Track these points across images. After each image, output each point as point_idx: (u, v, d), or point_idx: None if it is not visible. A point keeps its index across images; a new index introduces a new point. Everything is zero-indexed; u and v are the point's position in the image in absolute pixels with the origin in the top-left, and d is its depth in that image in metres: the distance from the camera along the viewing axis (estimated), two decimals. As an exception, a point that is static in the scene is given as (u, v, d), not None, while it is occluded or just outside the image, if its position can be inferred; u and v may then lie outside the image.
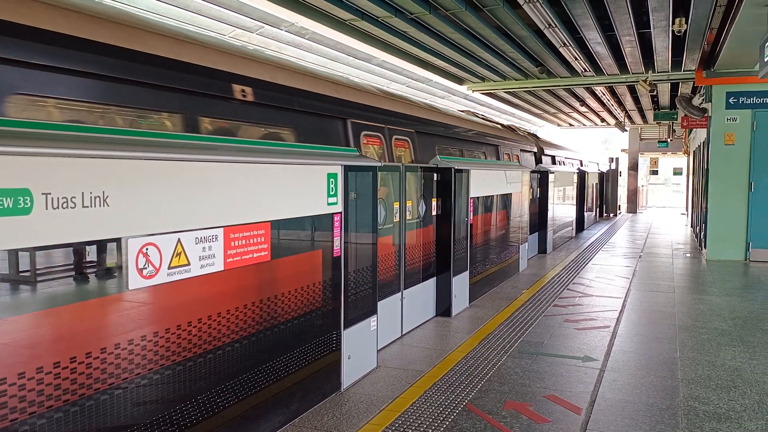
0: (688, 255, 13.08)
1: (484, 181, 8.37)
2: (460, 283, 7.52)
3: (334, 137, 5.52)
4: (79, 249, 2.68)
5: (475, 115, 13.14)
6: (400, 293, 6.30)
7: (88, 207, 2.60)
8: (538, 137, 16.64)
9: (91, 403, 2.71)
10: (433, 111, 8.84)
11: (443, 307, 7.23)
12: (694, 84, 15.06)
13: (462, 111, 13.68)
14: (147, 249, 2.92)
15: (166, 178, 2.99)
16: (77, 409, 2.65)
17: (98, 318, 2.78)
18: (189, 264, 3.18)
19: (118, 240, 2.79)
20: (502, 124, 14.03)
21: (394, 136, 6.79)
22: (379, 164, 5.22)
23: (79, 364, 2.65)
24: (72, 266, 2.70)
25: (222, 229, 3.40)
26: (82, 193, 2.57)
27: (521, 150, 13.55)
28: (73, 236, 2.57)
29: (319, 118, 5.32)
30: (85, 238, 2.63)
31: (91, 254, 2.77)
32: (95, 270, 2.80)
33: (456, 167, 7.22)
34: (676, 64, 14.27)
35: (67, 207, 2.50)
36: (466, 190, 7.64)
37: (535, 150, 14.83)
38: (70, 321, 2.66)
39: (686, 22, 10.11)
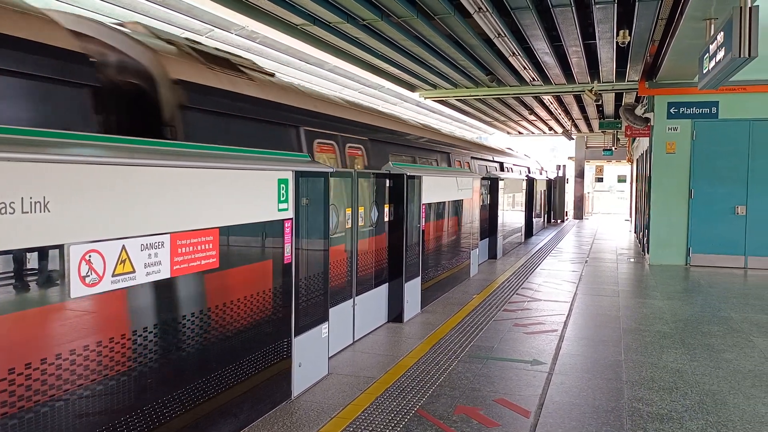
0: (632, 260, 13.47)
1: (436, 188, 8.43)
2: (412, 289, 7.54)
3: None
4: (18, 256, 2.58)
5: (510, 149, 21.86)
6: (352, 300, 6.27)
7: (27, 213, 2.50)
8: (534, 158, 25.96)
9: (31, 415, 2.61)
10: (501, 151, 18.40)
11: (395, 313, 7.24)
12: (637, 94, 15.55)
13: (507, 147, 21.94)
14: (90, 256, 2.83)
15: (110, 182, 2.91)
16: (16, 422, 2.54)
17: (38, 327, 2.67)
18: (134, 271, 3.09)
19: (59, 247, 2.69)
20: (525, 154, 23.87)
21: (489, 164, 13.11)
22: (331, 170, 5.20)
23: (18, 375, 2.55)
24: (11, 274, 2.59)
25: (168, 235, 3.32)
26: (22, 198, 2.47)
27: (535, 168, 22.88)
28: (13, 243, 2.47)
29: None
30: (25, 245, 2.53)
31: (32, 261, 2.66)
32: (36, 278, 2.69)
33: (408, 173, 7.26)
34: (621, 74, 14.72)
35: (5, 213, 2.41)
36: (418, 197, 7.68)
37: (539, 167, 24.82)
38: (9, 330, 2.55)
39: (630, 34, 10.45)
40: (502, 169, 17.37)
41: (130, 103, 4.29)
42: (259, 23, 10.14)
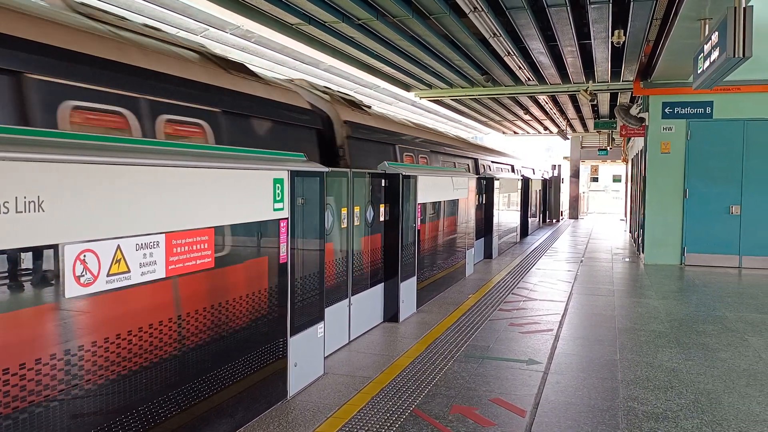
0: (627, 260, 13.50)
1: (431, 188, 8.44)
2: (408, 289, 7.54)
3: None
4: (12, 256, 2.56)
5: (515, 153, 23.68)
6: (347, 299, 6.27)
7: (22, 212, 2.49)
8: (537, 160, 29.36)
9: (26, 416, 2.60)
10: (511, 155, 20.38)
11: (391, 313, 7.24)
12: (632, 94, 15.59)
13: (512, 151, 24.02)
14: (84, 256, 2.81)
15: (105, 182, 2.90)
16: (10, 423, 2.53)
17: (32, 327, 2.66)
18: (129, 271, 3.08)
19: (54, 246, 2.68)
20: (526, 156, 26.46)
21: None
22: (326, 170, 5.19)
23: (12, 375, 2.54)
24: (5, 273, 2.58)
25: (164, 235, 3.31)
26: (16, 197, 2.46)
27: (539, 169, 26.86)
28: (7, 242, 2.46)
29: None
30: (19, 245, 2.52)
31: (26, 261, 2.65)
32: (30, 278, 2.68)
33: (404, 173, 7.25)
34: (615, 74, 14.76)
35: (-1, 212, 2.40)
36: (413, 196, 7.68)
37: (543, 169, 28.30)
38: (3, 331, 2.54)
39: (624, 34, 10.47)
40: (513, 171, 17.91)
41: (329, 137, 7.02)
42: (254, 22, 10.12)
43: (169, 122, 4.13)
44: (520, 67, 13.65)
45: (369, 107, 8.99)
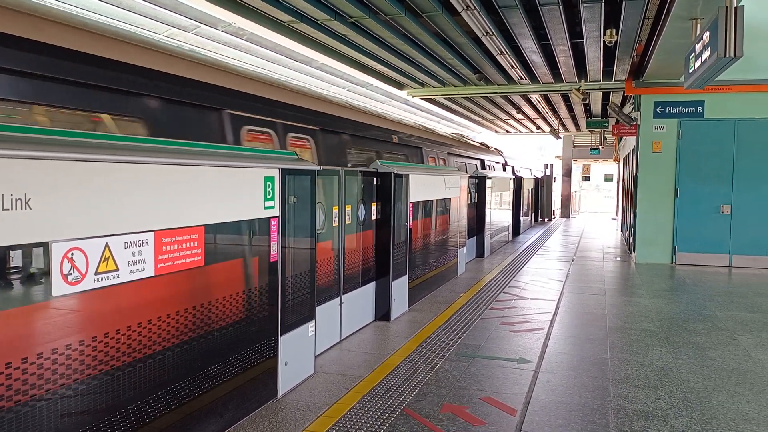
0: (618, 258, 13.54)
1: (423, 186, 8.43)
2: (399, 288, 7.53)
3: None
4: None
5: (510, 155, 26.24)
6: (338, 298, 6.26)
7: (8, 210, 2.46)
8: (538, 161, 31.42)
9: (12, 416, 2.57)
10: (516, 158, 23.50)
11: (382, 312, 7.23)
12: (624, 93, 15.62)
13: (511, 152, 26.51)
14: (72, 254, 2.79)
15: (94, 179, 2.87)
16: (-5, 424, 2.51)
17: (19, 326, 2.63)
18: (117, 269, 3.06)
19: (41, 245, 2.65)
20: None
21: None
22: (318, 168, 5.17)
23: (-3, 375, 2.51)
24: None
25: (153, 233, 3.28)
26: (2, 195, 2.43)
27: (539, 168, 28.97)
28: None
29: None
30: (5, 242, 2.49)
31: (14, 259, 2.62)
32: (18, 276, 2.65)
33: (395, 172, 7.24)
34: (608, 73, 14.77)
35: (-15, 210, 2.38)
36: (405, 195, 7.67)
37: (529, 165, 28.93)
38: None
39: (617, 33, 10.48)
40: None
41: (504, 165, 18.26)
42: (246, 20, 10.06)
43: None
44: (512, 66, 13.65)
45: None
